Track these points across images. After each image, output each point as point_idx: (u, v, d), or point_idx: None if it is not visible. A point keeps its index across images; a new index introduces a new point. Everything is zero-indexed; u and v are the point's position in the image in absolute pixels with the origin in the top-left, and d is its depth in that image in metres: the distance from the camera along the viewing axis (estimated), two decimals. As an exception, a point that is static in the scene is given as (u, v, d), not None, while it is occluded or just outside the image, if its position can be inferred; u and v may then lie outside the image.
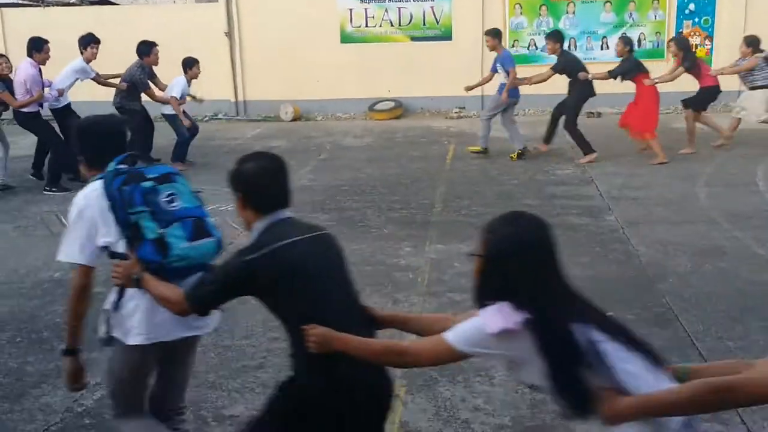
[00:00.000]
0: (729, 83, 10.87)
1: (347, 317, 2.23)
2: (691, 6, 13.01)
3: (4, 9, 14.16)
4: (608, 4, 13.04)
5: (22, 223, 6.89)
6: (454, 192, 7.53)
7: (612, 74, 9.11)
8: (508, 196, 7.26)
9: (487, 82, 10.02)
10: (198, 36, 12.72)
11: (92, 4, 15.10)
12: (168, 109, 9.31)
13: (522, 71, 9.72)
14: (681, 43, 9.41)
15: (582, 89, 9.06)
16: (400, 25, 13.33)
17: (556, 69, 9.22)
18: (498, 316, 1.92)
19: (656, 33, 13.11)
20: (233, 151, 10.45)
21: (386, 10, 13.35)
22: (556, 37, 9.22)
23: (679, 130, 10.14)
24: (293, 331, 2.23)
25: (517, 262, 1.95)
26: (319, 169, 8.95)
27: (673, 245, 5.60)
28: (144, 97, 9.37)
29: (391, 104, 13.27)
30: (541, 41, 13.20)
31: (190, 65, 9.38)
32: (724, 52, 12.89)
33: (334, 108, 13.46)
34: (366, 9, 13.38)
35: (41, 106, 8.64)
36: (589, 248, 5.62)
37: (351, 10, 13.39)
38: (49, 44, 8.61)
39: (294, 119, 13.18)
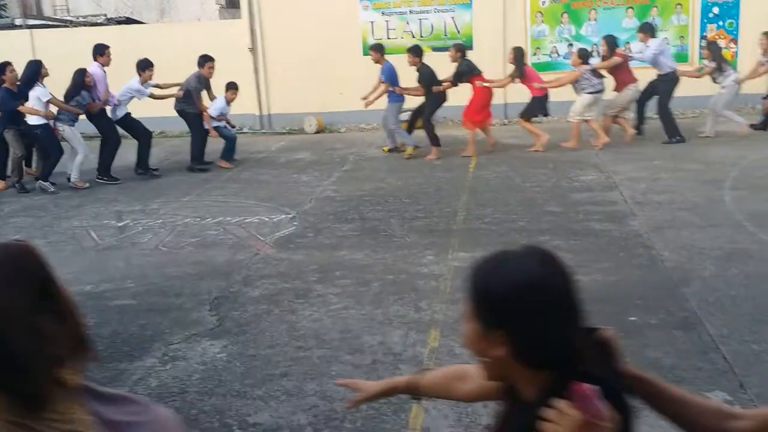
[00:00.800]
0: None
1: None
2: (715, 9, 12.91)
3: (34, 30, 14.51)
4: (630, 9, 12.99)
5: (54, 238, 7.04)
6: (476, 200, 7.55)
7: (454, 81, 10.21)
8: (530, 204, 7.26)
9: (383, 93, 10.54)
10: (223, 52, 12.86)
11: (119, 23, 15.39)
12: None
13: (547, 77, 9.96)
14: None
15: (436, 97, 10.23)
16: (421, 36, 13.40)
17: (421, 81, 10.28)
18: None
19: (680, 37, 13.03)
20: (259, 164, 10.58)
21: (407, 22, 13.45)
22: (415, 51, 10.35)
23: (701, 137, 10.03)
24: None
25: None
26: (342, 180, 9.02)
27: (698, 249, 5.57)
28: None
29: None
30: (563, 49, 13.21)
31: (227, 88, 10.45)
32: (749, 54, 12.78)
33: (357, 119, 13.54)
34: (387, 21, 13.49)
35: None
36: (613, 254, 5.60)
37: (372, 22, 13.50)
38: (110, 48, 9.93)
39: (318, 131, 13.30)
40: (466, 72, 10.13)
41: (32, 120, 9.21)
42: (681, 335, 4.09)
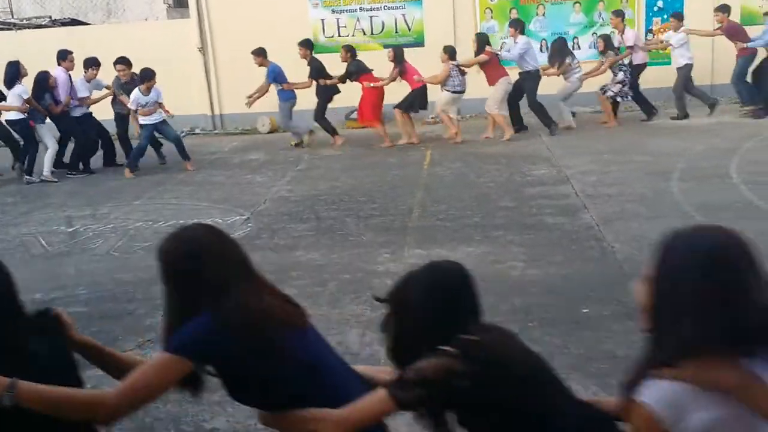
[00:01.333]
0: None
1: None
2: (660, 3, 13.18)
3: (-24, 33, 14.14)
4: (577, 5, 13.20)
5: (1, 246, 6.86)
6: (431, 197, 7.59)
7: (342, 78, 11.02)
8: (485, 199, 7.32)
9: (264, 92, 11.29)
10: (172, 52, 12.73)
11: (64, 24, 15.06)
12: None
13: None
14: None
15: (326, 90, 11.19)
16: (372, 33, 13.42)
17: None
18: None
19: (626, 31, 13.24)
20: (212, 165, 10.46)
21: (358, 19, 13.45)
22: (306, 44, 11.15)
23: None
24: None
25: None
26: (297, 180, 8.98)
27: (648, 240, 5.66)
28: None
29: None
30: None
31: (141, 78, 10.10)
32: (694, 47, 13.08)
33: (311, 118, 13.47)
34: (338, 19, 13.47)
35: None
36: (566, 247, 5.68)
37: (323, 20, 13.47)
38: (73, 54, 10.41)
39: (271, 131, 13.20)
40: (354, 72, 10.94)
41: (11, 116, 9.85)
42: (633, 326, 4.15)
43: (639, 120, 11.58)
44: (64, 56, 10.27)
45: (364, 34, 13.45)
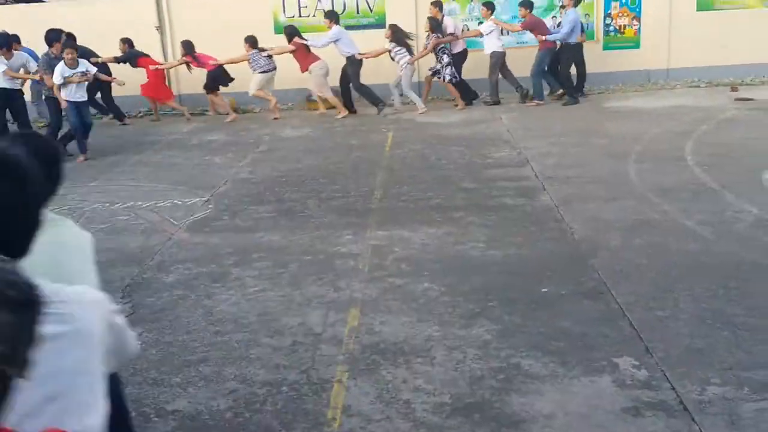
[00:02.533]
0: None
1: None
2: (618, -13, 13.29)
3: None
4: (538, -13, 13.23)
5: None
6: (393, 179, 7.59)
7: (117, 60, 11.97)
8: (446, 181, 7.36)
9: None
10: (128, 31, 12.46)
11: (17, 2, 14.64)
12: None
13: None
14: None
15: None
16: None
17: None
18: None
19: (585, 15, 13.36)
20: (170, 146, 10.31)
21: (319, 0, 13.32)
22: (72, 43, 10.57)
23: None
24: None
25: None
26: (257, 162, 8.90)
27: (605, 221, 5.78)
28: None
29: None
30: (473, 26, 13.37)
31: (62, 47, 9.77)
32: (651, 31, 13.28)
33: (272, 99, 13.36)
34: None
35: None
36: (525, 228, 5.75)
37: (284, 0, 13.30)
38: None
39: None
40: (132, 57, 12.09)
41: None
42: (590, 304, 4.24)
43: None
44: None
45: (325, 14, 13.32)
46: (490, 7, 11.99)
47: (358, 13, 13.34)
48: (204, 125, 11.96)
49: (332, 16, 11.74)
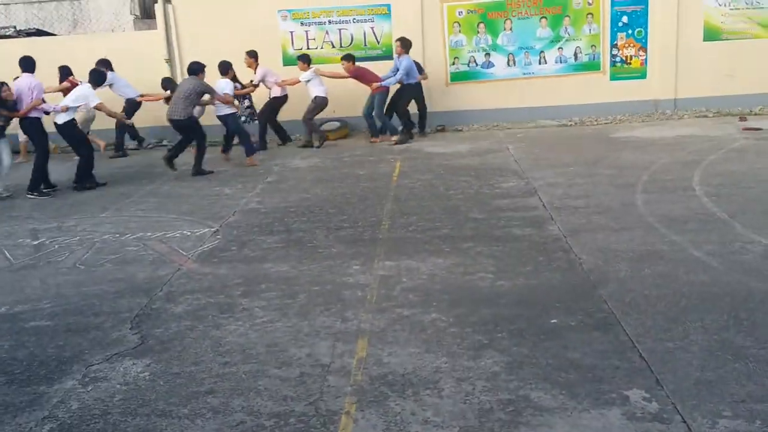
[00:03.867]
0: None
1: None
2: (624, 18, 13.42)
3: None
4: (544, 19, 13.38)
5: (-38, 259, 6.73)
6: (401, 209, 7.62)
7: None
8: (454, 211, 7.37)
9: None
10: (139, 64, 12.63)
11: (29, 35, 14.87)
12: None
13: (466, 86, 10.00)
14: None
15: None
16: (341, 46, 13.46)
17: None
18: None
19: (592, 46, 13.48)
20: (180, 176, 10.38)
21: (327, 32, 13.49)
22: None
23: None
24: None
25: None
26: (266, 192, 8.95)
27: (613, 252, 5.77)
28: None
29: (337, 124, 13.34)
30: (480, 58, 13.49)
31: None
32: (658, 61, 13.35)
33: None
34: (307, 31, 13.49)
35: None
36: (533, 258, 5.74)
37: (292, 32, 13.48)
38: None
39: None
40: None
41: None
42: (599, 335, 4.22)
43: (276, 144, 12.90)
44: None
45: (333, 46, 13.49)
46: (305, 60, 12.37)
47: (365, 44, 13.49)
48: (212, 156, 12.03)
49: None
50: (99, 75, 10.34)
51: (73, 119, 10.03)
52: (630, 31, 13.45)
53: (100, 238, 7.20)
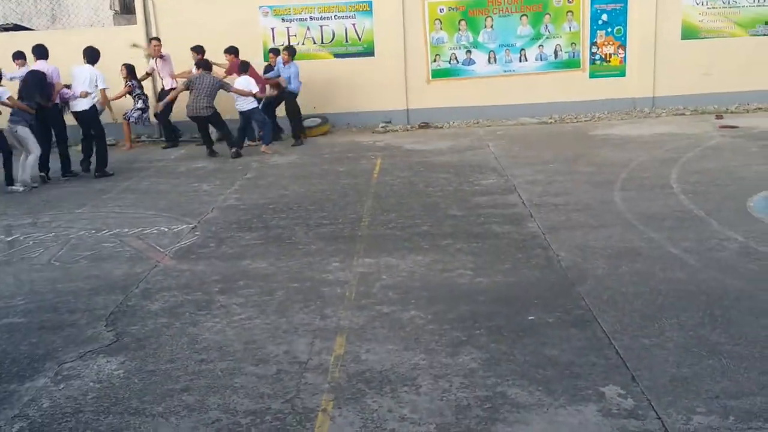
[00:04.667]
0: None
1: None
2: (604, 17, 13.49)
3: None
4: (524, 17, 13.42)
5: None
6: (381, 206, 7.60)
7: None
8: (433, 208, 7.37)
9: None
10: (117, 59, 12.50)
11: (6, 29, 14.68)
12: None
13: (447, 83, 9.94)
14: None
15: None
16: (322, 42, 13.42)
17: None
18: None
19: (572, 44, 13.54)
20: (158, 173, 10.30)
21: (308, 28, 13.44)
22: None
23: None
24: None
25: None
26: (245, 189, 8.90)
27: (591, 249, 5.79)
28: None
29: (318, 120, 13.30)
30: (462, 55, 13.50)
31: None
32: (636, 59, 13.44)
33: (260, 126, 13.38)
34: (288, 28, 13.43)
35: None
36: (512, 255, 5.75)
37: (273, 28, 13.42)
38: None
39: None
40: None
41: None
42: (576, 332, 4.23)
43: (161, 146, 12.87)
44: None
45: (314, 43, 13.44)
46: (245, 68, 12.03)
47: (347, 41, 13.45)
48: (192, 152, 11.96)
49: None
50: (93, 50, 10.43)
51: (94, 104, 10.15)
52: (609, 29, 13.53)
53: (76, 234, 7.11)
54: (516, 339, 4.18)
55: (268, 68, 12.50)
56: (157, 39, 12.64)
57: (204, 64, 11.46)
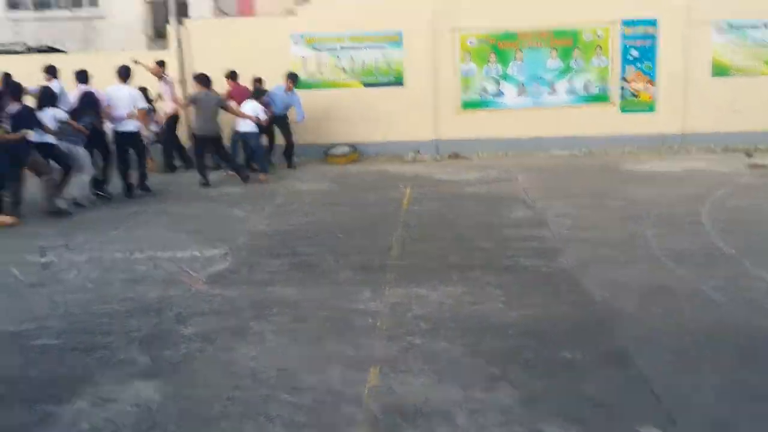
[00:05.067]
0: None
1: None
2: (634, 52, 13.52)
3: (-49, 56, 14.01)
4: (554, 51, 13.49)
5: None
6: (410, 235, 7.63)
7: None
8: (463, 239, 7.39)
9: None
10: (150, 83, 12.72)
11: (40, 52, 15.01)
12: None
13: (476, 115, 10.03)
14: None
15: None
16: (353, 71, 13.57)
17: None
18: None
19: (601, 78, 13.57)
20: (191, 197, 10.42)
21: (338, 57, 13.60)
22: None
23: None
24: None
25: None
26: (276, 215, 8.98)
27: (621, 285, 5.77)
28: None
29: (347, 149, 13.42)
30: (491, 87, 13.58)
31: None
32: (666, 96, 13.44)
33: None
34: (318, 56, 13.60)
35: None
36: (542, 289, 5.74)
37: (304, 57, 13.59)
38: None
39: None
40: None
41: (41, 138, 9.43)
42: (611, 370, 4.21)
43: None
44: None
45: (344, 72, 13.60)
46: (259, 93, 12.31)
47: (376, 70, 13.59)
48: (221, 177, 12.10)
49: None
50: (127, 69, 10.72)
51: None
52: (639, 65, 13.56)
53: (110, 256, 7.21)
54: (550, 376, 4.17)
55: (258, 91, 12.31)
56: (162, 62, 12.80)
57: (206, 81, 11.38)
